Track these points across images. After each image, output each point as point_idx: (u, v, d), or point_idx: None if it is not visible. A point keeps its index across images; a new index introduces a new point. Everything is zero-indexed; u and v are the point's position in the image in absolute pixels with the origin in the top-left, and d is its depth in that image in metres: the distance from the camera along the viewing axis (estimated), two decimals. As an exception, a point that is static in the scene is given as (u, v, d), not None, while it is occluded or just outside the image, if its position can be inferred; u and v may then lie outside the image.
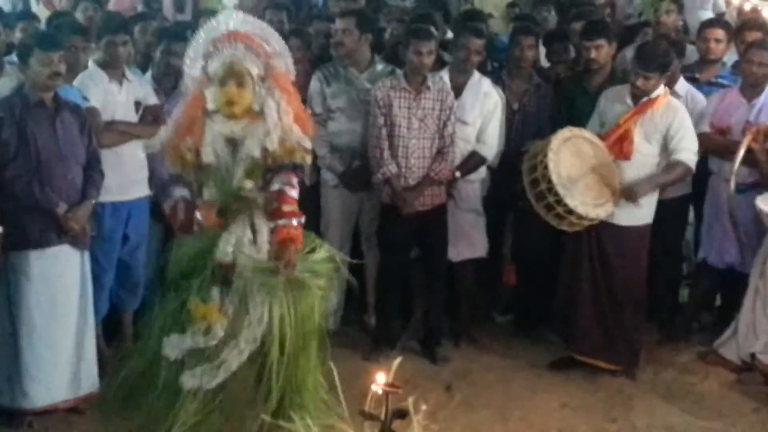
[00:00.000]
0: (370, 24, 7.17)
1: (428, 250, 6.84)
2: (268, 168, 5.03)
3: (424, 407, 4.09)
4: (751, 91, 6.77)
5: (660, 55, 6.35)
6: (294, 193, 5.06)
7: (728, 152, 6.57)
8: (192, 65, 5.15)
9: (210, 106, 5.03)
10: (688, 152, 6.32)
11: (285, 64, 5.18)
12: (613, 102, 6.48)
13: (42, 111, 5.69)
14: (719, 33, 7.27)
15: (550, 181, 6.10)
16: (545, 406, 6.23)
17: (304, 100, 6.79)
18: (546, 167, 6.11)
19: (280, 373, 4.91)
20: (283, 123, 5.01)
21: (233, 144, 5.06)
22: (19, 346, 5.66)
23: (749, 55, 6.77)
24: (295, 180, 5.07)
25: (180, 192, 5.21)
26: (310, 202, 6.85)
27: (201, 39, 5.13)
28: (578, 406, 6.26)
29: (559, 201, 6.11)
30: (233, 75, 4.96)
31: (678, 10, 8.28)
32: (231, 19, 5.13)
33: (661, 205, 6.57)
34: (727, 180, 6.56)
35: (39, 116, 5.67)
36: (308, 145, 5.12)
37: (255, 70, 5.01)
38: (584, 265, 6.49)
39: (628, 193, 6.25)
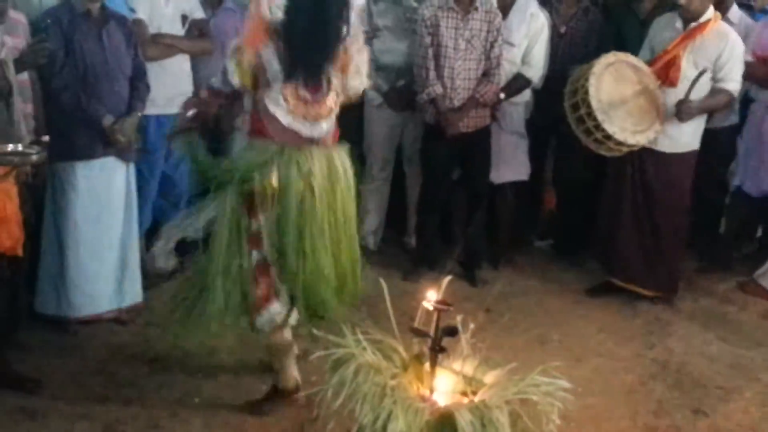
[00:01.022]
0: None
1: (470, 172, 6.84)
2: None
3: (472, 326, 4.12)
4: None
5: None
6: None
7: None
8: None
9: None
10: (734, 82, 6.24)
11: None
12: (663, 29, 6.38)
13: (89, 22, 5.66)
14: None
15: (589, 106, 6.05)
16: (583, 331, 6.26)
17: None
18: (586, 92, 6.05)
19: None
20: None
21: None
22: (65, 255, 5.72)
23: None
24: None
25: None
26: (354, 120, 6.85)
27: None
28: (616, 331, 6.29)
29: (598, 126, 6.06)
30: None
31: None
32: None
33: (709, 134, 6.51)
34: None
35: (86, 27, 5.65)
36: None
37: None
38: (627, 191, 6.47)
39: (683, 109, 6.13)
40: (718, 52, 6.16)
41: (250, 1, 4.81)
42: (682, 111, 6.13)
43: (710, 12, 6.22)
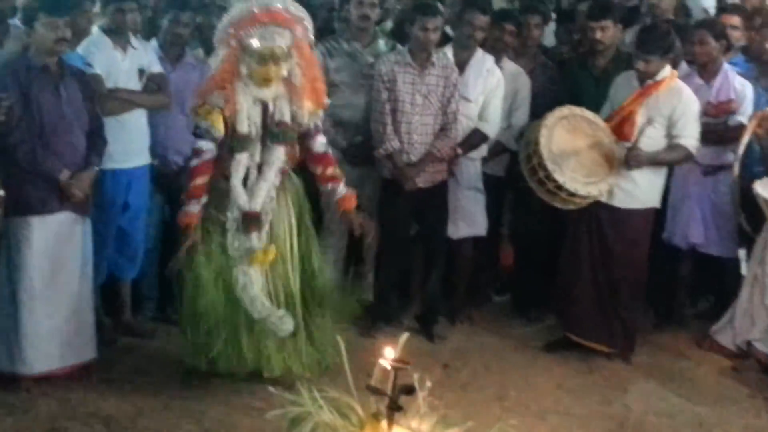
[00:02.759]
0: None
1: (428, 227, 6.85)
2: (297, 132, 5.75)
3: (429, 384, 4.09)
4: (706, 72, 6.79)
5: (659, 37, 6.32)
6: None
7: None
8: (223, 32, 5.55)
9: (243, 72, 5.49)
10: (690, 138, 6.30)
11: (306, 30, 5.68)
12: (622, 87, 6.45)
13: (46, 76, 5.64)
14: (735, 20, 7.22)
15: (540, 156, 6.10)
16: (541, 388, 6.23)
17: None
18: (537, 142, 6.11)
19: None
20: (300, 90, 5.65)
21: (264, 107, 5.61)
22: (18, 311, 5.64)
23: (690, 36, 6.83)
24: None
25: (207, 146, 5.59)
26: (311, 176, 6.83)
27: (238, 12, 5.51)
28: (573, 387, 6.26)
29: (549, 176, 6.11)
30: (272, 56, 5.47)
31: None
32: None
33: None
34: (698, 163, 6.68)
35: (43, 81, 5.63)
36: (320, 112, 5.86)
37: (285, 46, 5.48)
38: (584, 246, 6.49)
39: (631, 156, 6.19)
40: (672, 108, 6.24)
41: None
42: (630, 157, 6.19)
43: (666, 70, 6.30)
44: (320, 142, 5.89)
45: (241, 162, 5.62)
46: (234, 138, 5.58)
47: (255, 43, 5.45)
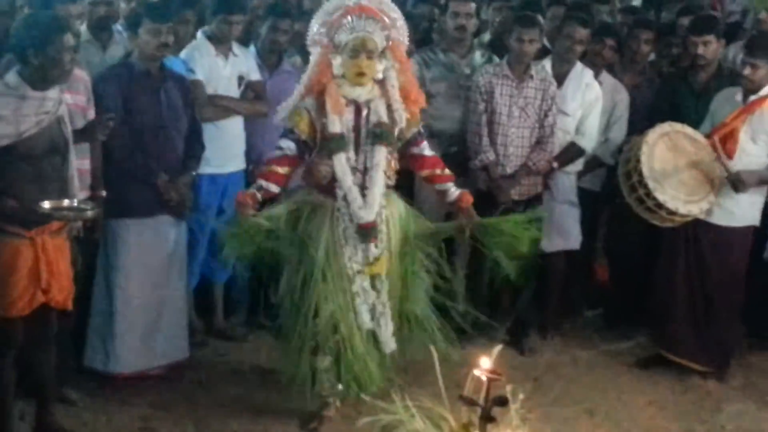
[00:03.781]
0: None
1: (521, 239, 6.79)
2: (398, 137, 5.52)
3: (521, 396, 4.06)
4: None
5: None
6: None
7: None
8: (315, 32, 5.45)
9: (336, 71, 5.33)
10: None
11: (401, 34, 5.50)
12: (724, 103, 6.33)
13: (147, 81, 5.74)
14: None
15: (641, 174, 6.02)
16: (632, 404, 6.15)
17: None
18: (638, 160, 6.04)
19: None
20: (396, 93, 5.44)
21: (357, 108, 5.39)
22: (114, 311, 5.76)
23: None
24: None
25: (286, 144, 5.42)
26: (405, 187, 6.84)
27: (329, 8, 5.38)
28: (666, 405, 6.17)
29: (649, 194, 6.03)
30: (365, 49, 5.26)
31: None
32: None
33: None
34: None
35: (144, 86, 5.73)
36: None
37: (380, 43, 5.33)
38: (680, 263, 6.40)
39: (735, 180, 6.10)
40: (777, 125, 6.12)
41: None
42: (736, 183, 6.10)
43: (772, 86, 6.18)
44: (426, 147, 5.68)
45: (343, 163, 5.32)
46: (327, 139, 5.34)
47: (346, 35, 5.26)
